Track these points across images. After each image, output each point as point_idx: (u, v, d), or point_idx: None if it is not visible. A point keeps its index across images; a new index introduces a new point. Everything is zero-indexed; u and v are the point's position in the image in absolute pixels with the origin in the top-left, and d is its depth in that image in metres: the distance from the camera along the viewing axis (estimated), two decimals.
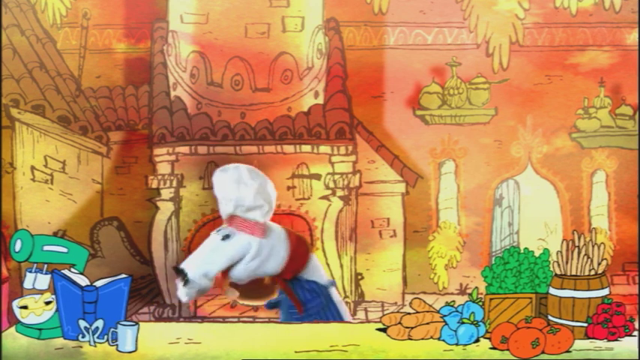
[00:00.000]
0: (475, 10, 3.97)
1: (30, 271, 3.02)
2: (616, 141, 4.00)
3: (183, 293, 3.20)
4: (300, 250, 3.35)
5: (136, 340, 2.87)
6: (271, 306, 3.44)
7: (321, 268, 3.43)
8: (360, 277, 4.02)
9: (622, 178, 4.01)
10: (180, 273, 3.19)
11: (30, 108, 3.93)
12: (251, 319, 3.93)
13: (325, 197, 3.99)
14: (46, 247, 3.03)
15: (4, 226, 3.84)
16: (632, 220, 3.98)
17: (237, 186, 3.29)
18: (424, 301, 2.99)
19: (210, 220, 3.98)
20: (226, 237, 3.27)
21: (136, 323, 2.90)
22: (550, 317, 2.93)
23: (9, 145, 3.89)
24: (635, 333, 2.87)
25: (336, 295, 3.42)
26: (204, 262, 3.23)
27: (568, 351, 2.81)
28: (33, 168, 3.92)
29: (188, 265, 3.22)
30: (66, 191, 3.95)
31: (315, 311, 3.30)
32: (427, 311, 2.94)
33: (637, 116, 3.98)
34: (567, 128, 3.99)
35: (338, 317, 3.35)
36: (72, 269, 3.04)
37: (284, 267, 3.31)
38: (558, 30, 3.99)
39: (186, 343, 2.91)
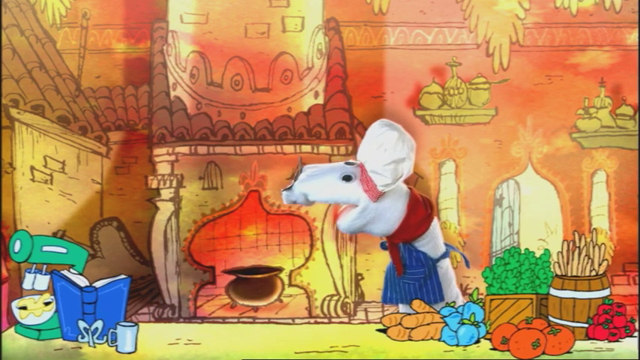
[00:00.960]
0: (475, 10, 3.96)
1: (29, 272, 3.02)
2: (616, 141, 3.99)
3: (283, 195, 3.05)
4: (414, 221, 3.13)
5: (136, 341, 2.87)
6: (385, 247, 3.28)
7: (439, 242, 3.20)
8: (360, 277, 4.01)
9: (622, 179, 4.00)
10: (294, 178, 3.04)
11: (29, 108, 3.92)
12: (251, 320, 3.93)
13: None
14: (45, 248, 3.02)
15: (3, 226, 3.83)
16: (633, 220, 3.97)
17: (390, 149, 3.04)
18: (424, 302, 2.98)
19: (210, 221, 3.97)
20: (347, 178, 3.06)
21: (136, 324, 2.89)
22: (551, 318, 2.93)
23: (8, 146, 3.88)
24: (636, 334, 2.86)
25: (444, 267, 3.20)
26: (312, 184, 3.05)
27: (569, 352, 2.81)
28: (32, 168, 3.91)
29: (302, 176, 3.04)
30: (65, 191, 3.95)
31: (415, 278, 3.14)
32: (427, 312, 2.93)
33: (637, 116, 3.97)
34: (568, 128, 3.98)
35: (438, 290, 3.14)
36: (71, 270, 3.03)
37: (393, 233, 3.12)
38: (559, 30, 3.98)
39: (185, 344, 2.91)
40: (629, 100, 3.97)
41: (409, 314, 2.96)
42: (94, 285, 2.96)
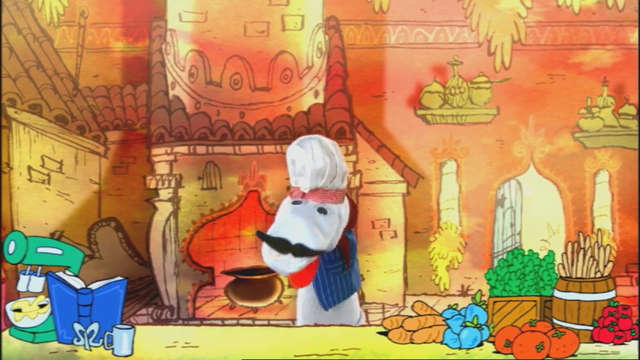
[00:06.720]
0: (477, 9, 3.95)
1: (24, 274, 3.00)
2: (619, 141, 3.98)
3: (299, 264, 3.11)
4: (351, 202, 3.33)
5: (132, 344, 2.84)
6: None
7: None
8: (360, 278, 3.98)
9: (625, 179, 3.99)
10: (296, 247, 3.09)
11: (27, 107, 3.91)
12: (250, 322, 3.91)
13: None
14: (40, 249, 3.00)
15: (2, 227, 3.81)
16: (636, 220, 3.95)
17: (330, 156, 3.23)
18: (426, 304, 2.96)
19: (209, 221, 3.95)
20: (322, 211, 3.20)
21: (132, 327, 2.87)
22: (555, 320, 2.91)
23: (6, 145, 3.86)
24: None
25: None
26: (325, 236, 3.16)
27: (573, 355, 2.79)
28: (30, 168, 3.90)
29: (307, 240, 3.11)
30: (63, 191, 3.93)
31: (351, 262, 3.32)
32: (429, 314, 2.91)
33: (639, 116, 3.95)
34: (570, 128, 3.97)
35: (358, 271, 3.38)
36: (67, 271, 3.01)
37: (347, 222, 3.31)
38: (561, 29, 3.97)
39: (183, 347, 2.89)
40: (631, 99, 3.96)
41: (411, 317, 2.94)
42: (89, 287, 2.93)
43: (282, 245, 3.08)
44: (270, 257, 3.11)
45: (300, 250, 3.07)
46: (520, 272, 2.97)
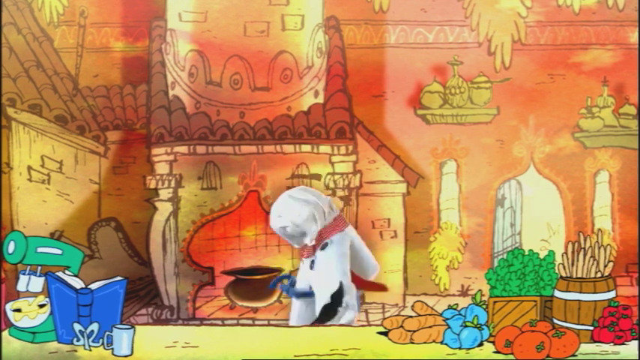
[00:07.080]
0: (477, 9, 3.94)
1: (23, 274, 2.99)
2: (619, 141, 3.98)
3: (351, 308, 3.20)
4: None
5: (132, 344, 2.84)
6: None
7: None
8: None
9: (625, 179, 3.98)
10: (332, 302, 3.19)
11: (27, 107, 3.90)
12: (250, 322, 3.91)
13: None
14: (40, 249, 2.99)
15: (2, 227, 3.81)
16: (636, 220, 3.95)
17: (307, 202, 3.27)
18: (426, 304, 2.95)
19: (209, 221, 3.95)
20: (323, 246, 3.27)
21: (132, 327, 2.87)
22: (555, 320, 2.90)
23: (6, 145, 3.86)
24: None
25: None
26: (344, 274, 3.24)
27: (574, 355, 2.78)
28: (30, 168, 3.89)
29: (338, 289, 3.20)
30: (63, 191, 3.92)
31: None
32: (429, 314, 2.90)
33: (639, 116, 3.95)
34: (570, 128, 3.96)
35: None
36: (66, 271, 3.01)
37: None
38: (561, 28, 3.96)
39: (183, 347, 2.88)
40: (631, 99, 3.95)
41: (411, 317, 2.94)
42: (89, 287, 2.93)
43: (328, 314, 3.17)
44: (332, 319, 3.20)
45: (336, 298, 3.15)
46: (520, 272, 2.96)
